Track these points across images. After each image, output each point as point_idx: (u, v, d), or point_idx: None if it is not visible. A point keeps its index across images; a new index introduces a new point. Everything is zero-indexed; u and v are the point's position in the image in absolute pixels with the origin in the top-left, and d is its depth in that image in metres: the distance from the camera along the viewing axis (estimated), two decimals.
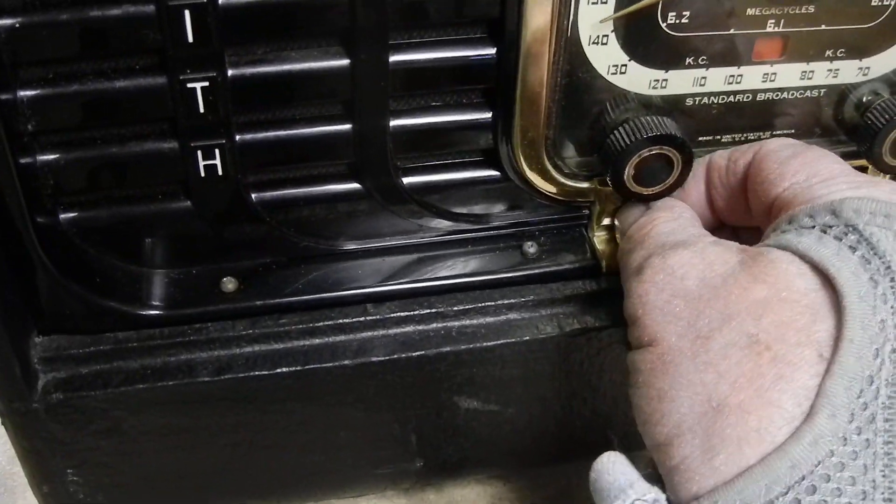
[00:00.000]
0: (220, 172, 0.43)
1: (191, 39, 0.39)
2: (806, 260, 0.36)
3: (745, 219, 0.45)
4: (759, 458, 0.34)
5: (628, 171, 0.46)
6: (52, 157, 0.42)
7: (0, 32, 0.38)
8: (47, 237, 0.43)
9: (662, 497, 0.36)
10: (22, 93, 0.40)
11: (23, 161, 0.41)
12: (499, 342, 0.46)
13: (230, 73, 0.41)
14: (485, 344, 0.46)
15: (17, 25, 0.38)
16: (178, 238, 0.46)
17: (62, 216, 0.44)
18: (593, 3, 0.43)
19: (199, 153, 0.43)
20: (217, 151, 0.43)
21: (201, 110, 0.41)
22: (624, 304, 0.41)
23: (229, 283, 0.46)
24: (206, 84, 0.41)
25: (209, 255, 0.46)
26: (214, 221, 0.45)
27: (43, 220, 0.43)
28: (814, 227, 0.37)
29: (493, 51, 0.43)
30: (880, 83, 0.50)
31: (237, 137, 0.43)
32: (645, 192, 0.46)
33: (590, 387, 0.49)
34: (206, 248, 0.46)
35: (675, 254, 0.39)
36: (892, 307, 0.34)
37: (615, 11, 0.44)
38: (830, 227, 0.36)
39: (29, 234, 0.42)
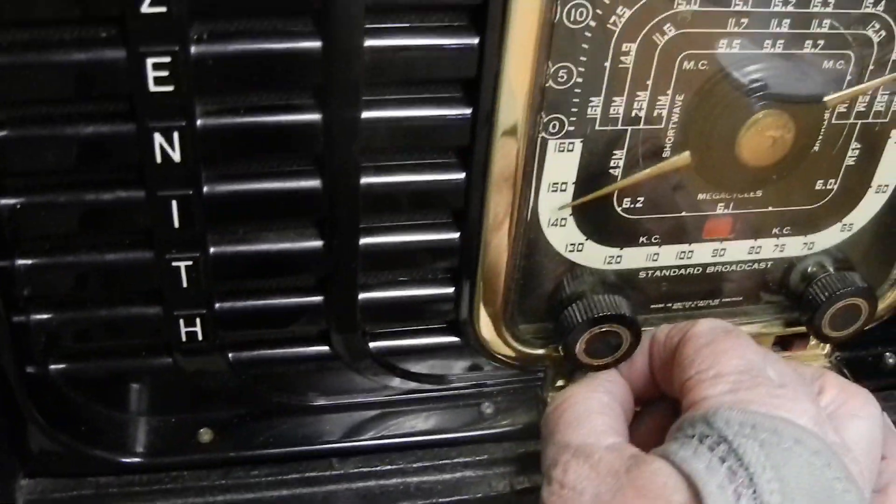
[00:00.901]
0: (199, 338, 0.46)
1: (176, 225, 0.43)
2: (682, 472, 0.39)
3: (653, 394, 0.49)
4: None
5: (580, 346, 0.49)
6: (44, 316, 0.45)
7: (3, 210, 0.42)
8: (36, 387, 0.46)
9: None
10: (20, 261, 0.43)
11: (16, 319, 0.45)
12: (453, 498, 0.49)
13: (212, 251, 0.44)
14: (440, 500, 0.49)
15: (19, 206, 0.42)
16: (160, 390, 0.49)
17: (52, 367, 0.47)
18: (553, 191, 0.47)
19: (182, 321, 0.46)
20: (198, 320, 0.46)
21: (184, 285, 0.45)
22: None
23: (206, 434, 0.49)
24: (190, 263, 0.44)
25: (188, 406, 0.50)
26: (194, 377, 0.48)
27: (33, 371, 0.46)
28: (693, 435, 0.40)
29: (456, 235, 0.46)
30: (824, 256, 0.54)
31: (217, 306, 0.46)
32: (594, 363, 0.50)
33: None
34: (186, 399, 0.49)
35: (576, 466, 0.42)
36: None
37: (573, 199, 0.47)
38: (706, 436, 0.40)
39: (19, 384, 0.46)
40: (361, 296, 0.47)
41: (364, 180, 0.43)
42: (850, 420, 0.45)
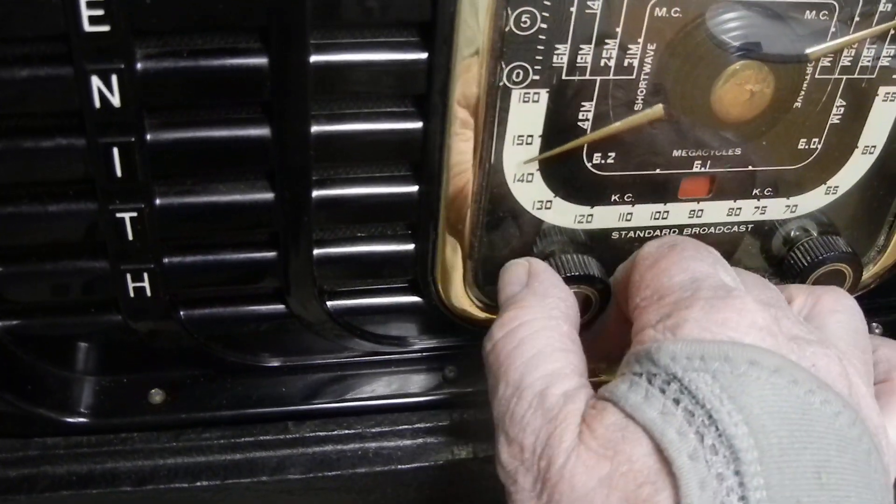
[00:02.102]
0: (148, 294, 0.45)
1: (119, 174, 0.41)
2: (636, 422, 0.36)
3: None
4: None
5: None
6: None
7: None
8: None
9: None
10: None
11: None
12: (413, 465, 0.47)
13: (158, 202, 0.42)
14: (399, 466, 0.47)
15: None
16: (109, 347, 0.47)
17: None
18: (518, 144, 0.45)
19: (129, 276, 0.44)
20: (145, 275, 0.44)
21: (130, 238, 0.43)
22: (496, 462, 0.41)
23: (157, 395, 0.48)
24: (135, 214, 0.42)
25: (139, 365, 0.48)
26: (144, 336, 0.46)
27: None
28: (641, 374, 0.38)
29: (414, 188, 0.44)
30: (808, 220, 0.51)
31: (165, 261, 0.44)
32: None
33: None
34: (136, 359, 0.48)
35: (534, 421, 0.39)
36: (724, 456, 0.34)
37: (540, 152, 0.45)
38: (654, 375, 0.37)
39: None
40: (317, 252, 0.45)
41: (315, 128, 0.41)
42: (829, 315, 0.43)
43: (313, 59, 0.39)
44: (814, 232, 0.51)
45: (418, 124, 0.42)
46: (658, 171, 0.47)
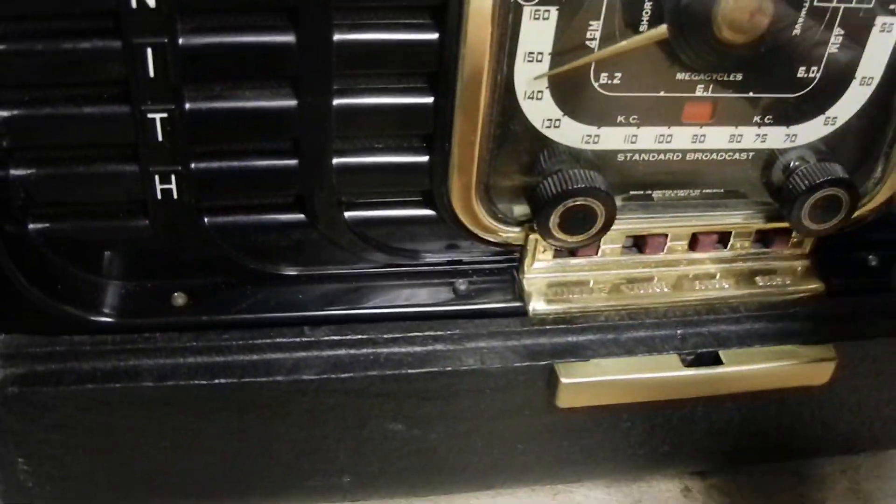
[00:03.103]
0: (175, 196, 0.47)
1: (152, 75, 0.43)
2: None
3: None
4: None
5: (554, 219, 0.49)
6: (24, 172, 0.46)
7: None
8: (14, 245, 0.47)
9: None
10: None
11: None
12: (422, 370, 0.49)
13: (188, 106, 0.45)
14: (409, 371, 0.49)
15: None
16: (135, 253, 0.49)
17: (30, 226, 0.48)
18: (529, 61, 0.47)
19: (157, 178, 0.46)
20: (173, 177, 0.46)
21: (159, 139, 0.45)
22: None
23: (179, 298, 0.50)
24: (165, 115, 0.45)
25: (163, 270, 0.50)
26: (169, 240, 0.48)
27: (12, 229, 0.47)
28: None
29: (430, 99, 0.46)
30: (807, 150, 0.53)
31: (192, 165, 0.46)
32: (569, 240, 0.50)
33: (504, 422, 0.53)
34: (161, 264, 0.50)
35: None
36: None
37: (549, 69, 0.47)
38: None
39: None
40: (336, 161, 0.47)
41: (338, 36, 0.44)
42: None
43: None
44: (812, 160, 0.53)
45: (434, 35, 0.44)
46: (662, 93, 0.50)
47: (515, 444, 0.54)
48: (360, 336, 0.50)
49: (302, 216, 0.49)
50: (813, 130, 0.53)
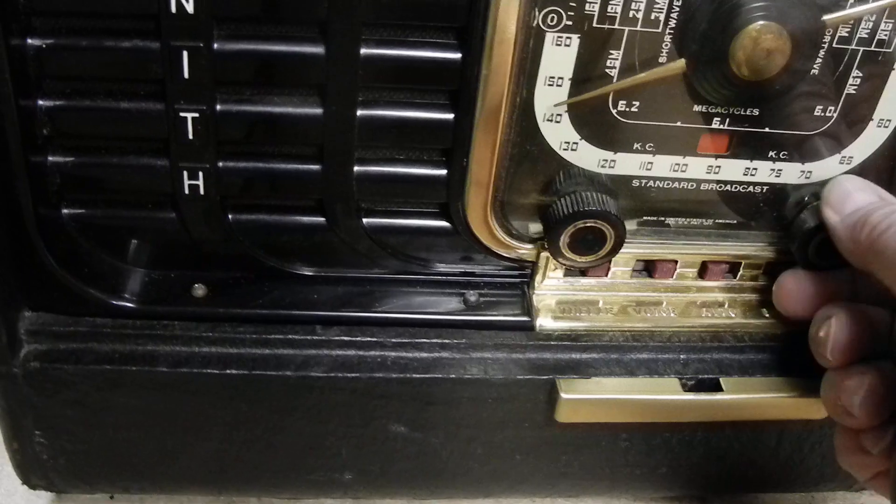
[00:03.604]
0: (201, 192, 0.49)
1: (186, 76, 0.46)
2: None
3: None
4: None
5: (564, 239, 0.50)
6: (61, 159, 0.48)
7: (30, 50, 0.45)
8: (48, 227, 0.49)
9: None
10: (42, 102, 0.46)
11: (34, 159, 0.48)
12: (426, 376, 0.51)
13: (218, 108, 0.47)
14: (413, 375, 0.51)
15: (45, 45, 0.45)
16: (161, 243, 0.52)
17: (64, 211, 0.50)
18: (549, 85, 0.48)
19: (185, 173, 0.49)
20: (201, 174, 0.49)
21: (190, 137, 0.47)
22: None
23: (199, 290, 0.52)
24: (197, 115, 0.47)
25: (186, 261, 0.52)
26: (194, 234, 0.51)
27: (46, 212, 0.49)
28: None
29: (450, 116, 0.48)
30: (821, 187, 0.54)
31: (220, 164, 0.49)
32: (578, 260, 0.51)
33: (504, 433, 0.54)
34: (185, 255, 0.52)
35: None
36: None
37: (569, 96, 0.49)
38: None
39: (33, 222, 0.49)
40: (357, 169, 0.49)
41: (364, 50, 0.46)
42: None
43: None
44: None
45: (458, 55, 0.46)
46: (679, 123, 0.51)
47: (515, 455, 0.56)
48: (369, 338, 0.52)
49: (322, 220, 0.51)
50: (828, 168, 0.54)
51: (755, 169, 0.53)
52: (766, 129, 0.52)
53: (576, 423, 0.53)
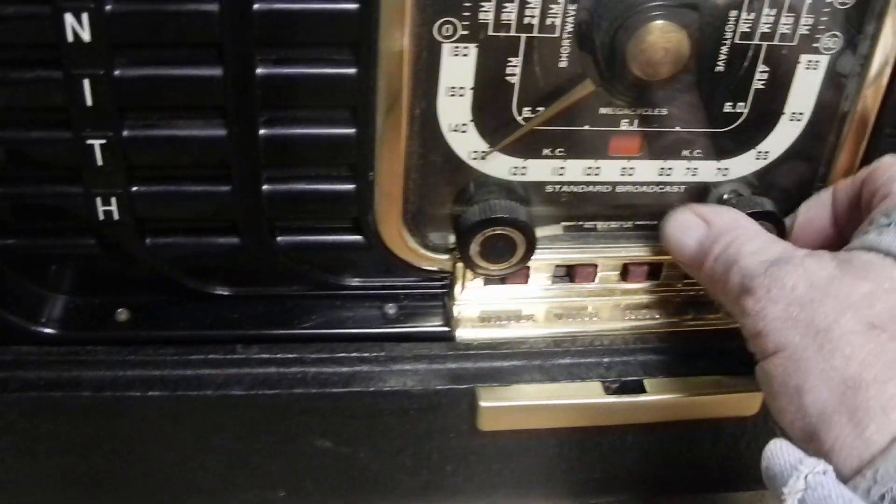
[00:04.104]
0: (116, 218, 0.50)
1: (90, 104, 0.46)
2: (891, 257, 0.41)
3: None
4: None
5: (474, 247, 0.51)
6: None
7: None
8: None
9: (830, 468, 0.38)
10: None
11: None
12: (346, 390, 0.51)
13: (125, 134, 0.48)
14: (333, 390, 0.51)
15: None
16: (83, 269, 0.53)
17: None
18: (451, 95, 0.49)
19: (99, 199, 0.49)
20: (113, 199, 0.49)
21: (99, 164, 0.48)
22: (740, 324, 0.45)
23: (123, 314, 0.53)
24: (104, 142, 0.48)
25: (109, 286, 0.53)
26: (114, 259, 0.51)
27: None
28: (890, 224, 0.42)
29: (352, 131, 0.48)
30: (741, 184, 0.54)
31: (133, 189, 0.49)
32: (490, 268, 0.51)
33: (431, 443, 0.54)
34: (107, 280, 0.53)
35: (779, 269, 0.43)
36: None
37: (472, 105, 0.49)
38: None
39: None
40: (266, 188, 0.50)
41: (261, 70, 0.46)
42: None
43: (257, 7, 0.44)
44: (746, 193, 0.54)
45: (352, 70, 0.47)
46: (587, 127, 0.51)
47: (445, 466, 0.56)
48: (289, 355, 0.52)
49: (236, 240, 0.51)
50: (745, 165, 0.53)
51: (670, 169, 0.53)
52: (677, 129, 0.52)
53: (502, 431, 0.54)
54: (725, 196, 0.54)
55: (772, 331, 0.42)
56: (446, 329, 0.54)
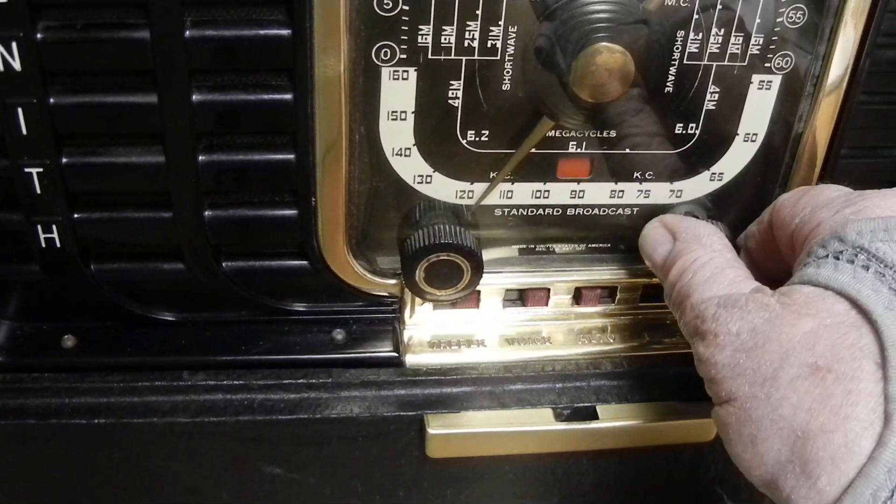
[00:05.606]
0: (58, 244, 0.49)
1: (24, 132, 0.46)
2: (831, 290, 0.40)
3: (779, 265, 0.48)
4: (857, 471, 0.36)
5: (419, 272, 0.50)
6: None
7: None
8: None
9: None
10: None
11: None
12: (292, 416, 0.51)
13: (64, 161, 0.47)
14: (279, 417, 0.51)
15: None
16: (29, 296, 0.52)
17: None
18: (392, 119, 0.48)
19: (40, 227, 0.49)
20: (55, 227, 0.49)
21: (38, 192, 0.48)
22: (696, 366, 0.45)
23: (69, 341, 0.52)
24: (41, 170, 0.47)
25: (56, 313, 0.53)
26: (59, 286, 0.51)
27: None
28: (827, 255, 0.41)
29: (291, 156, 0.48)
30: (695, 206, 0.53)
31: (74, 216, 0.49)
32: (437, 293, 0.51)
33: (382, 469, 0.54)
34: (54, 307, 0.52)
35: (725, 312, 0.43)
36: None
37: (414, 128, 0.48)
38: (841, 252, 0.41)
39: None
40: (208, 214, 0.49)
41: (197, 97, 0.46)
42: None
43: (188, 33, 0.44)
44: (702, 216, 0.52)
45: (289, 96, 0.46)
46: (534, 149, 0.50)
47: (398, 492, 0.55)
48: (235, 382, 0.52)
49: (181, 265, 0.51)
50: (699, 186, 0.52)
51: (622, 191, 0.52)
52: (626, 151, 0.51)
53: (453, 458, 0.53)
54: None
55: (722, 378, 0.42)
56: (395, 355, 0.53)
